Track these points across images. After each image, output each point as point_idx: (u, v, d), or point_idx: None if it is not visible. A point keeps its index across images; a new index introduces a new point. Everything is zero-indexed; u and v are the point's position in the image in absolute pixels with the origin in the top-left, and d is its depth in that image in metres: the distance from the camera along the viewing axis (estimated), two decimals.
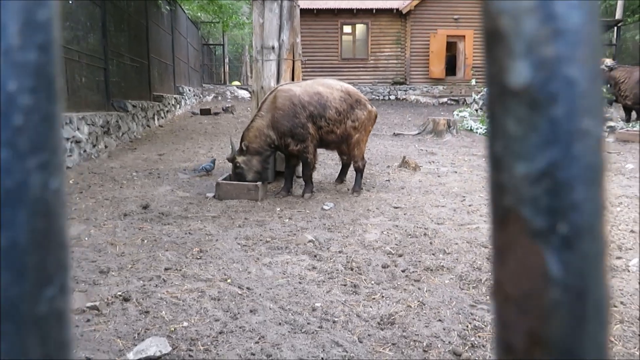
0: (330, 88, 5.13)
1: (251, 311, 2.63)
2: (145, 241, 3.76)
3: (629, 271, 3.18)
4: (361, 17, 20.72)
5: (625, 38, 24.98)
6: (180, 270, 3.19)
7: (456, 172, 6.53)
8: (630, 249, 3.57)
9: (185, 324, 2.51)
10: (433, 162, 7.29)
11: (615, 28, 24.48)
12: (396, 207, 4.79)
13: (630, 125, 10.89)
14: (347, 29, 20.93)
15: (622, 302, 2.71)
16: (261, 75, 5.57)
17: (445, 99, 19.37)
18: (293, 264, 3.30)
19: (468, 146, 8.95)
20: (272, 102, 4.97)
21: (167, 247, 3.63)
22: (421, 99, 19.55)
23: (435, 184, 5.81)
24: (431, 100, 19.21)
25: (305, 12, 20.14)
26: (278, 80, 5.57)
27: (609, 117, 10.65)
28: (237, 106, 15.87)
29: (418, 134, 10.24)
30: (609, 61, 12.36)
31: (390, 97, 20.81)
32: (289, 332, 2.41)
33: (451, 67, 21.84)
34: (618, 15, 24.53)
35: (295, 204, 4.88)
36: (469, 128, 10.91)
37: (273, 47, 5.48)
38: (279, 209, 4.69)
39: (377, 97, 20.63)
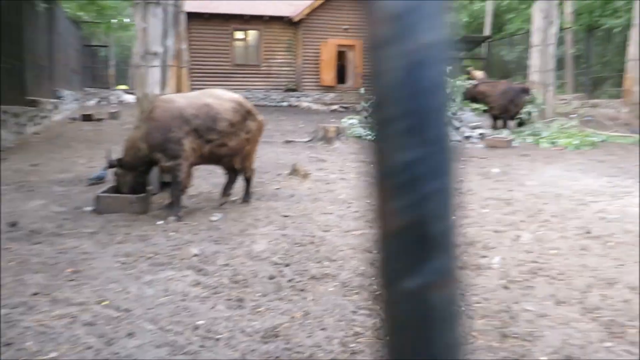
0: (220, 99, 4.87)
1: (128, 335, 2.48)
2: (12, 263, 3.41)
3: (491, 268, 3.48)
4: (253, 23, 20.66)
5: (493, 53, 27.45)
6: (49, 294, 2.93)
7: (344, 178, 6.73)
8: (494, 248, 3.91)
9: (53, 354, 2.30)
10: (323, 169, 7.45)
11: (485, 44, 26.81)
12: (285, 216, 4.81)
13: (497, 132, 11.99)
14: (239, 34, 20.76)
15: (485, 298, 2.96)
16: (145, 81, 5.32)
17: (336, 106, 19.91)
18: (176, 281, 3.18)
19: (357, 153, 9.27)
20: (149, 112, 4.64)
21: (37, 269, 3.32)
22: (313, 106, 19.93)
23: (324, 191, 5.94)
24: (323, 108, 19.65)
25: (195, 16, 19.66)
26: (163, 88, 5.36)
27: (480, 125, 11.62)
28: (124, 112, 15.02)
29: (309, 141, 10.41)
30: (479, 73, 13.52)
31: (284, 103, 20.96)
32: (168, 354, 2.31)
33: (342, 75, 22.54)
34: (487, 32, 26.88)
35: (182, 216, 4.71)
36: (358, 135, 11.30)
37: (157, 53, 5.26)
38: (163, 221, 4.50)
39: (271, 104, 20.68)
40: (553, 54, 13.58)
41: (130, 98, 19.83)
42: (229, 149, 4.90)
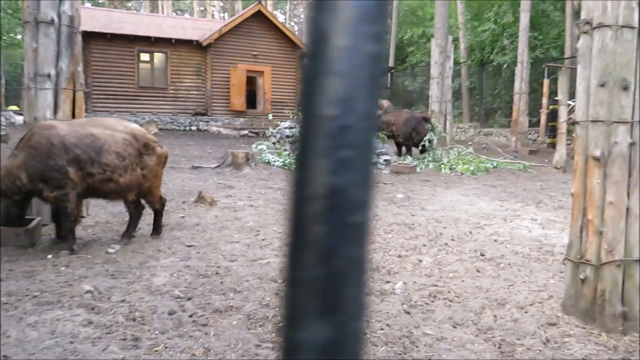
0: (111, 129, 4.43)
1: None
2: None
3: (395, 294, 3.57)
4: (160, 45, 20.15)
5: (397, 83, 28.92)
6: None
7: (252, 205, 6.66)
8: (397, 273, 4.03)
9: None
10: (230, 196, 7.33)
11: (389, 74, 28.18)
12: (189, 246, 4.64)
13: (402, 158, 12.56)
14: (144, 56, 20.12)
15: (387, 325, 3.02)
16: (35, 105, 4.95)
17: (246, 131, 19.83)
18: (65, 321, 2.92)
19: (265, 179, 9.24)
20: (27, 139, 4.21)
21: None
22: (223, 130, 19.69)
23: (231, 219, 5.82)
24: (233, 133, 19.48)
25: (97, 37, 18.82)
26: (55, 112, 5.02)
27: (385, 152, 12.11)
28: (14, 134, 13.85)
29: (217, 166, 10.23)
30: (385, 102, 14.15)
31: (192, 127, 20.50)
32: None
33: (252, 100, 22.56)
34: (391, 62, 28.30)
35: (76, 249, 4.38)
36: (267, 161, 11.29)
37: (49, 75, 4.93)
38: (53, 255, 4.15)
39: (178, 128, 20.14)
40: (449, 86, 14.57)
41: (22, 120, 18.36)
42: (117, 186, 4.41)
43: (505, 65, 21.48)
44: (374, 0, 0.24)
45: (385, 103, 14.52)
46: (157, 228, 4.98)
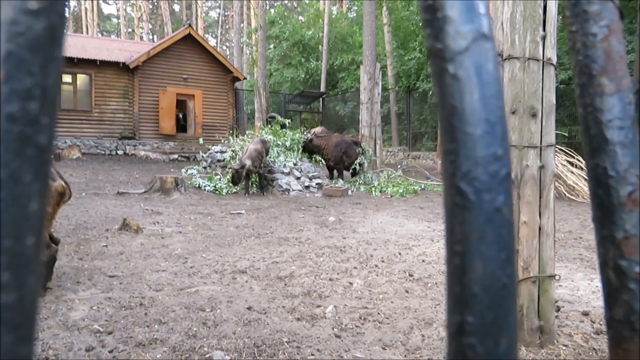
0: None
1: None
2: None
3: (325, 318, 3.56)
4: (83, 67, 19.40)
5: (329, 107, 29.46)
6: None
7: (181, 232, 6.46)
8: (328, 297, 4.03)
9: None
10: (158, 222, 7.08)
11: (321, 99, 28.71)
12: (112, 276, 4.41)
13: (334, 182, 12.73)
14: (67, 78, 19.27)
15: (318, 350, 3.00)
16: None
17: (176, 156, 19.38)
18: None
19: (195, 204, 9.03)
20: None
21: None
22: (151, 154, 19.11)
23: (158, 247, 5.61)
24: (162, 157, 18.95)
25: None
26: None
27: (318, 175, 12.23)
28: None
29: (145, 192, 9.88)
30: (318, 129, 14.34)
31: (118, 152, 19.75)
32: None
33: (182, 124, 22.13)
34: (322, 88, 28.85)
35: None
36: (197, 185, 11.05)
37: None
38: None
39: (103, 152, 19.33)
40: (378, 111, 15.04)
41: None
42: None
43: (430, 92, 22.55)
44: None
45: (319, 129, 14.73)
46: (47, 279, 4.21)
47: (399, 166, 16.60)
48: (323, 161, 13.27)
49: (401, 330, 3.36)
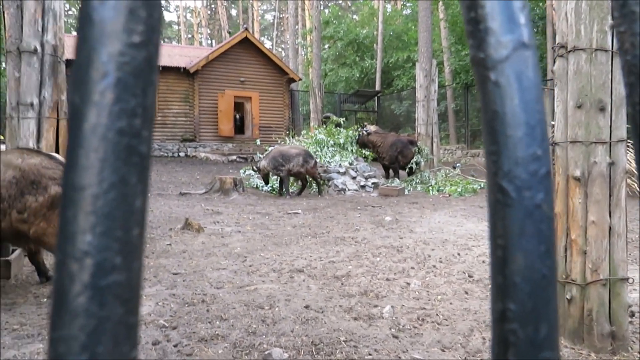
0: (6, 165, 3.73)
1: None
2: None
3: (383, 318, 3.55)
4: None
5: (384, 106, 29.24)
6: None
7: (240, 231, 6.62)
8: (385, 297, 4.01)
9: None
10: (218, 222, 7.29)
11: (376, 98, 28.54)
12: (175, 274, 4.59)
13: (390, 181, 12.62)
14: None
15: (375, 350, 2.99)
16: (17, 134, 4.92)
17: (234, 157, 19.87)
18: (45, 354, 2.85)
19: (253, 204, 9.22)
20: None
21: None
22: (211, 156, 19.70)
23: (219, 245, 5.78)
24: (221, 158, 19.49)
25: None
26: (39, 140, 4.99)
27: (373, 175, 12.18)
28: None
29: (205, 192, 10.20)
30: (372, 127, 14.29)
31: (180, 154, 20.50)
32: None
33: (240, 126, 22.66)
34: (377, 87, 28.67)
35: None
36: (255, 186, 11.28)
37: (32, 104, 4.92)
38: (34, 287, 4.08)
39: (166, 155, 20.12)
40: (435, 109, 14.76)
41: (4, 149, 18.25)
42: None
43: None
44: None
45: (373, 127, 14.67)
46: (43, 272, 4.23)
47: (457, 164, 16.22)
48: (378, 158, 13.20)
49: (461, 332, 3.29)
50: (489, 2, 0.31)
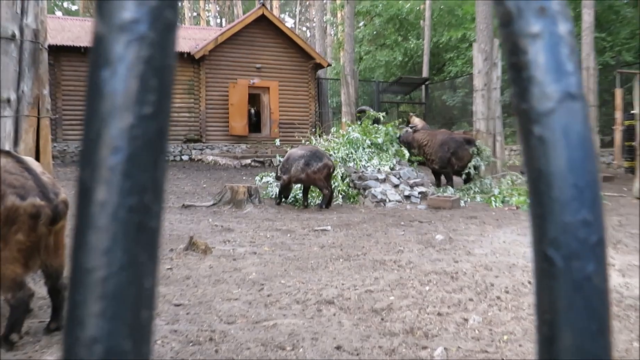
0: None
1: None
2: None
3: None
4: None
5: (433, 97, 29.10)
6: None
7: (255, 252, 6.67)
8: (436, 336, 3.96)
9: None
10: (229, 241, 7.35)
11: (423, 87, 28.43)
12: (177, 305, 4.64)
13: (441, 190, 12.51)
14: None
15: None
16: None
17: (249, 160, 20.05)
18: None
19: (272, 219, 9.27)
20: None
21: None
22: (220, 160, 19.93)
23: (230, 270, 5.83)
24: (232, 162, 19.70)
25: (69, 51, 19.41)
26: (16, 143, 5.14)
27: (421, 182, 12.10)
28: None
29: (213, 204, 10.31)
30: (416, 120, 14.21)
31: (183, 157, 20.83)
32: None
33: (256, 123, 22.84)
34: (425, 73, 28.56)
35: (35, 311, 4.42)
36: (273, 196, 11.35)
37: (9, 100, 5.07)
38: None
39: (166, 158, 20.45)
40: (498, 100, 14.60)
41: None
42: None
43: None
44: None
45: (418, 121, 14.58)
46: (54, 320, 4.07)
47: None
48: (425, 160, 13.10)
49: None
50: (533, 48, 0.33)
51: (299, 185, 10.97)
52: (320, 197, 10.91)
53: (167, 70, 0.32)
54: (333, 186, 11.11)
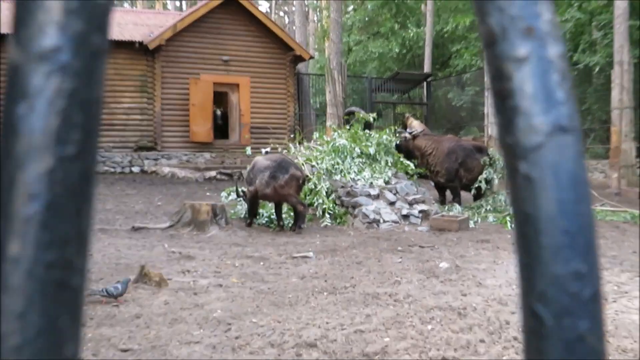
0: None
1: None
2: None
3: None
4: None
5: (436, 96, 29.26)
6: None
7: (221, 285, 6.63)
8: None
9: None
10: (189, 271, 7.31)
11: (425, 83, 28.57)
12: (125, 350, 4.60)
13: (447, 208, 12.54)
14: None
15: None
16: None
17: (214, 173, 19.99)
18: None
19: (242, 244, 9.24)
20: None
21: None
22: (179, 172, 19.85)
23: (190, 307, 5.79)
24: (194, 175, 19.64)
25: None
26: None
27: (422, 199, 12.14)
28: None
29: (170, 226, 10.26)
30: (415, 123, 14.27)
31: (133, 168, 20.70)
32: None
33: (223, 127, 22.75)
34: (427, 68, 28.73)
35: None
36: (243, 216, 11.31)
37: None
38: None
39: (113, 170, 20.33)
40: None
41: None
42: None
43: (597, 69, 21.76)
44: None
45: (417, 124, 14.62)
46: None
47: None
48: (427, 172, 13.11)
49: None
50: (519, 73, 0.33)
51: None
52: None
53: (94, 104, 0.32)
54: (316, 203, 11.10)
